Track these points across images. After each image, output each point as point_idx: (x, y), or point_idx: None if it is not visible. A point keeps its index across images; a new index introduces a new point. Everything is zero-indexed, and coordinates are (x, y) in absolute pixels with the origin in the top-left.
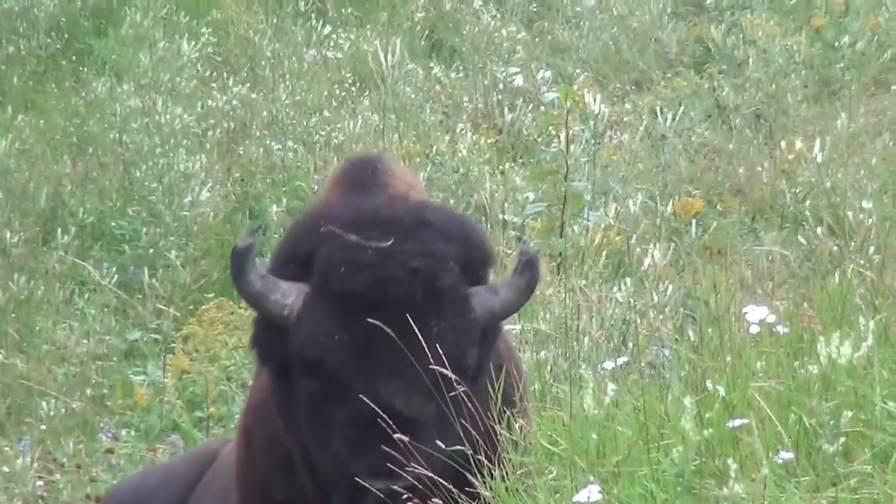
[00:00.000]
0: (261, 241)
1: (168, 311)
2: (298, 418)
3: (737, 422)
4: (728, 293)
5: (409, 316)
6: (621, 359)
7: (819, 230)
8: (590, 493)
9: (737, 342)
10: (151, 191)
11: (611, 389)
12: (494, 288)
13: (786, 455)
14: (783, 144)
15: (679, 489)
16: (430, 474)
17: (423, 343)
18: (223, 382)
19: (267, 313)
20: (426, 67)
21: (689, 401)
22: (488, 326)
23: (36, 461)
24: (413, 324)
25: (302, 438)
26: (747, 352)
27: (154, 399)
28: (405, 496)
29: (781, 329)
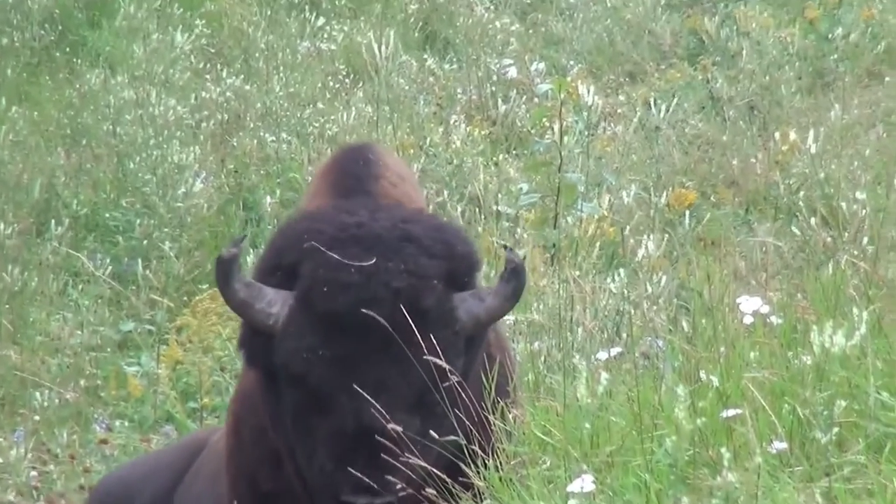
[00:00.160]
0: (254, 233)
1: (162, 302)
2: (285, 420)
3: (730, 412)
4: (722, 284)
5: (393, 334)
6: (615, 349)
7: (813, 221)
8: (583, 483)
9: (730, 333)
10: (145, 182)
11: (604, 379)
12: (480, 295)
13: (779, 445)
14: (777, 136)
15: (672, 479)
16: (413, 490)
17: (408, 360)
18: (217, 373)
19: (252, 322)
20: (420, 59)
21: (683, 391)
22: (474, 333)
23: (30, 452)
24: (397, 342)
25: (288, 439)
26: (741, 342)
27: (148, 390)
28: None
29: (775, 320)
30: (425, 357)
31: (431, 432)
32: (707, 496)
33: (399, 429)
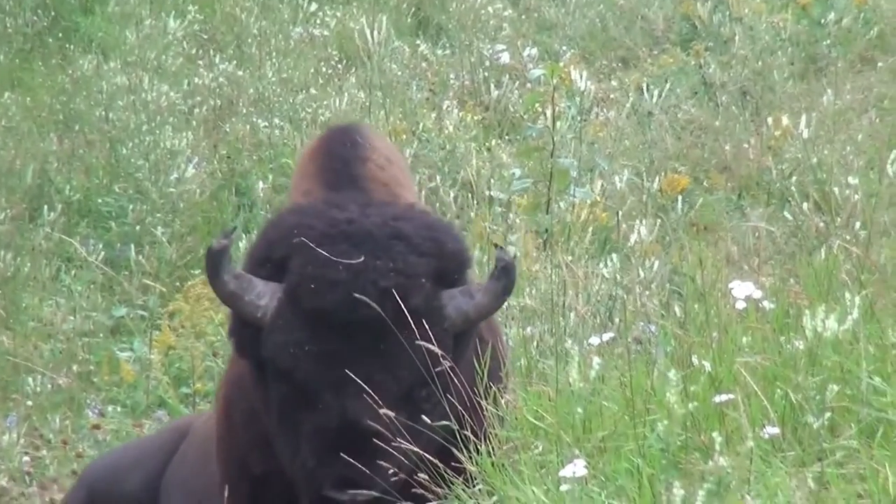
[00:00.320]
0: (247, 219)
1: (154, 288)
2: (273, 410)
3: (723, 397)
4: (714, 269)
5: (380, 332)
6: (607, 334)
7: (805, 206)
8: (575, 468)
9: (723, 318)
10: (138, 168)
11: (597, 364)
12: (470, 292)
13: (772, 430)
14: (769, 121)
15: (664, 463)
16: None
17: (394, 357)
18: (209, 358)
19: (241, 313)
20: (412, 45)
21: (675, 376)
22: (463, 330)
23: (22, 437)
24: (384, 339)
25: (274, 430)
26: (733, 327)
27: (140, 375)
28: None
29: (767, 305)
30: (417, 342)
31: (424, 417)
32: (699, 481)
33: (392, 414)
